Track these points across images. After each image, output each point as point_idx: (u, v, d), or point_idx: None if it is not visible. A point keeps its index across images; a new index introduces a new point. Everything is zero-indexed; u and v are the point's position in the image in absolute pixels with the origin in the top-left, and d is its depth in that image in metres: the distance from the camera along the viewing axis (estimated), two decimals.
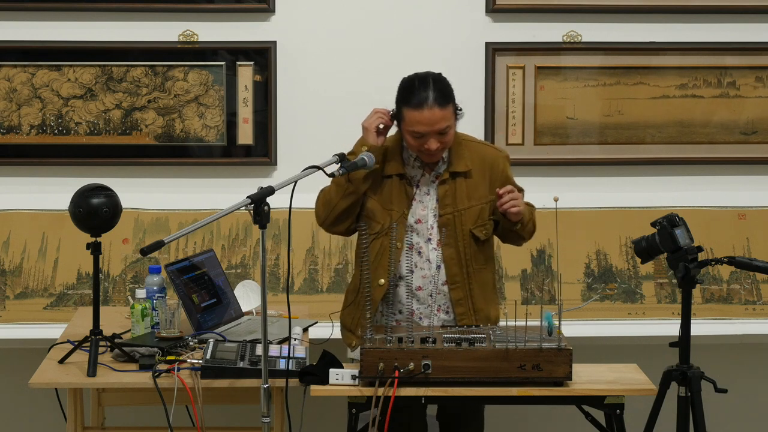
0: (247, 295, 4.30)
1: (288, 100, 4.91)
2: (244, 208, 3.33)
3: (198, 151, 4.92)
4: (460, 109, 3.77)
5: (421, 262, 3.80)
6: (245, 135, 4.91)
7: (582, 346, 4.02)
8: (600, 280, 4.82)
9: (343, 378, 3.46)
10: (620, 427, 3.50)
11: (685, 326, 3.56)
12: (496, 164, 3.84)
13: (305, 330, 4.02)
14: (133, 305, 3.88)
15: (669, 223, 3.57)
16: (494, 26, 4.93)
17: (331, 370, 3.47)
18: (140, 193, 4.85)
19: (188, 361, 3.59)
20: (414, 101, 3.67)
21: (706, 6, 4.94)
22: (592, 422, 3.61)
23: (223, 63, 4.88)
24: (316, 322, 4.15)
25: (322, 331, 4.05)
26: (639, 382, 3.57)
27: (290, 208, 3.47)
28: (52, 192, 4.81)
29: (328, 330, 4.03)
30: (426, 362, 3.42)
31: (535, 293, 4.79)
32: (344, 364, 3.55)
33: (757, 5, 4.96)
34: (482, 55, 4.91)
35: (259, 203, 3.31)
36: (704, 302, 4.78)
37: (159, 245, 3.35)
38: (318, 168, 3.53)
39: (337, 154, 3.62)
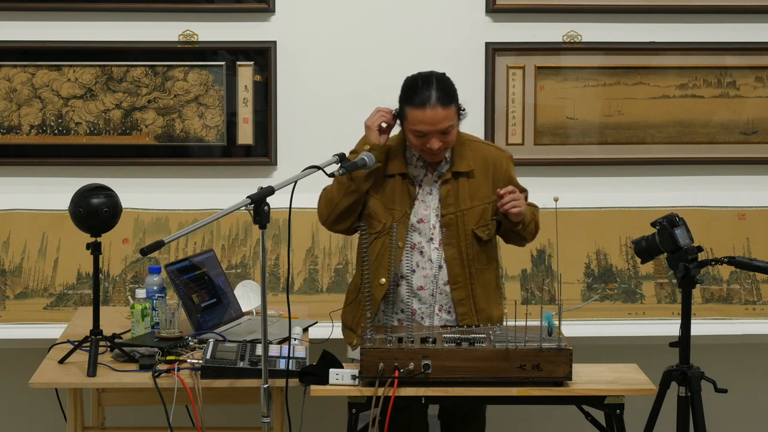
0: (247, 295, 4.29)
1: (288, 100, 4.91)
2: (244, 208, 3.33)
3: (198, 151, 4.92)
4: (463, 110, 3.77)
5: (423, 261, 3.80)
6: (245, 135, 4.91)
7: (582, 346, 4.02)
8: (600, 280, 4.82)
9: (343, 378, 3.46)
10: (620, 427, 3.50)
11: (685, 326, 3.56)
12: (499, 164, 3.84)
13: (305, 330, 4.02)
14: (133, 305, 3.88)
15: (669, 223, 3.56)
16: (494, 26, 4.93)
17: (331, 370, 3.47)
18: (140, 193, 4.85)
19: (188, 361, 3.58)
20: (417, 100, 3.67)
21: (706, 6, 4.94)
22: (592, 422, 3.61)
23: (223, 63, 4.87)
24: (316, 322, 4.15)
25: (322, 331, 4.06)
26: (639, 382, 3.57)
27: (290, 208, 3.47)
28: (52, 192, 4.81)
29: (328, 330, 4.03)
30: (426, 362, 3.42)
31: (535, 293, 4.79)
32: (344, 364, 3.55)
33: (757, 5, 4.96)
34: (482, 55, 4.91)
35: (259, 203, 3.31)
36: (704, 302, 4.78)
37: (159, 245, 3.35)
38: (318, 168, 3.53)
39: (337, 154, 3.62)
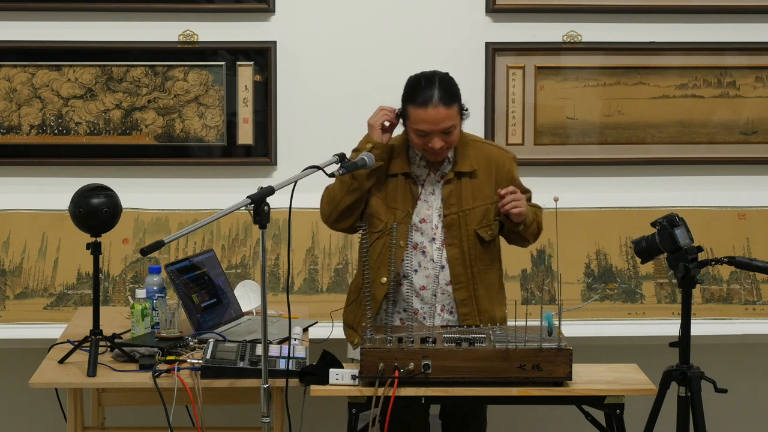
0: (247, 295, 4.29)
1: (288, 100, 4.91)
2: (244, 208, 3.33)
3: (198, 151, 4.92)
4: (466, 110, 3.77)
5: (425, 261, 3.80)
6: (245, 135, 4.91)
7: (582, 346, 4.02)
8: (600, 280, 4.82)
9: (343, 378, 3.46)
10: (620, 427, 3.50)
11: (685, 326, 3.56)
12: (502, 165, 3.83)
13: (305, 330, 4.02)
14: (133, 305, 3.88)
15: (669, 223, 3.56)
16: (494, 26, 4.93)
17: (331, 370, 3.47)
18: (140, 193, 4.85)
19: (188, 361, 3.58)
20: (419, 99, 3.67)
21: (706, 6, 4.94)
22: (592, 422, 3.61)
23: (223, 63, 4.87)
24: (316, 322, 4.15)
25: (322, 331, 4.05)
26: (639, 382, 3.57)
27: (290, 208, 3.47)
28: (52, 192, 4.81)
29: (328, 330, 4.03)
30: (426, 362, 3.42)
31: (535, 293, 4.79)
32: (344, 364, 3.55)
33: (757, 5, 4.96)
34: (482, 55, 4.91)
35: (259, 203, 3.31)
36: (704, 302, 4.78)
37: (159, 245, 3.35)
38: (318, 168, 3.53)
39: (337, 154, 3.62)
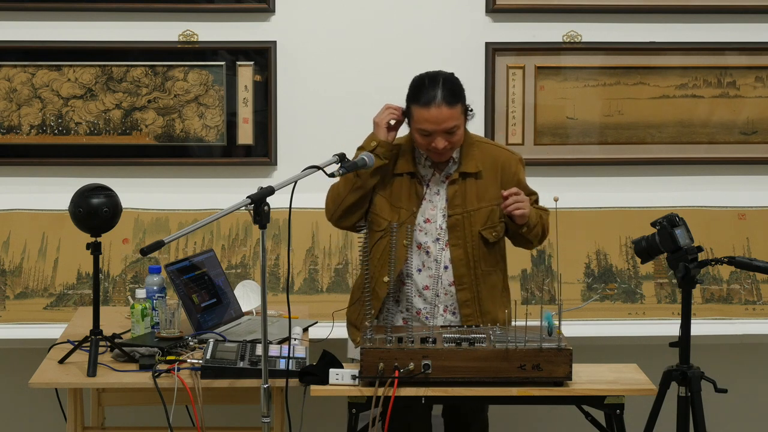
0: (247, 295, 4.29)
1: (288, 100, 4.91)
2: (244, 208, 3.33)
3: (198, 151, 4.92)
4: (471, 110, 3.76)
5: (428, 261, 3.80)
6: (245, 135, 4.91)
7: (582, 346, 4.02)
8: (600, 280, 4.82)
9: (343, 378, 3.46)
10: (620, 427, 3.50)
11: (685, 326, 3.56)
12: (508, 166, 3.82)
13: (305, 330, 4.02)
14: (133, 305, 3.88)
15: (669, 223, 3.56)
16: (494, 26, 4.93)
17: (331, 370, 3.47)
18: (140, 193, 4.85)
19: (188, 361, 3.58)
20: (423, 99, 3.67)
21: (706, 6, 4.93)
22: (592, 422, 3.61)
23: (223, 63, 4.87)
24: (316, 322, 4.15)
25: (322, 331, 4.05)
26: (639, 382, 3.57)
27: (290, 208, 3.47)
28: (52, 192, 4.81)
29: (328, 330, 4.03)
30: (426, 362, 3.42)
31: (535, 293, 4.79)
32: (344, 364, 3.55)
33: (757, 5, 4.96)
34: (482, 55, 4.91)
35: (259, 203, 3.31)
36: (704, 302, 4.78)
37: (159, 245, 3.35)
38: (318, 168, 3.53)
39: (337, 154, 3.62)
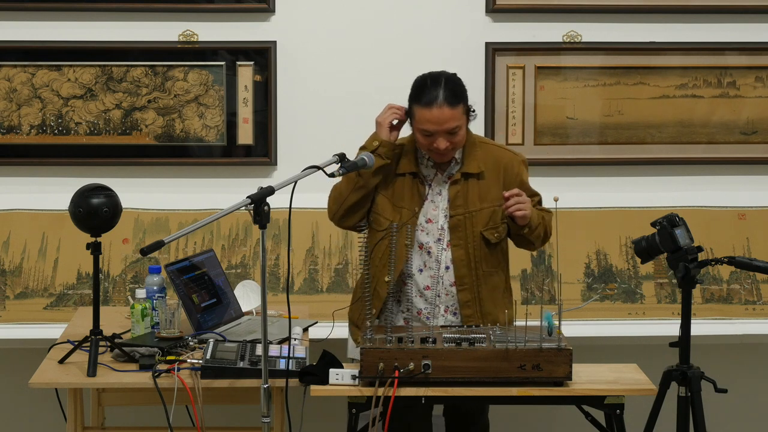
0: (247, 295, 4.29)
1: (288, 100, 4.91)
2: (244, 208, 3.33)
3: (198, 151, 4.92)
4: (473, 111, 3.76)
5: (430, 261, 3.79)
6: (245, 135, 4.91)
7: (582, 346, 4.02)
8: (600, 280, 4.82)
9: (343, 378, 3.46)
10: (620, 427, 3.50)
11: (685, 326, 3.56)
12: (510, 167, 3.82)
13: (305, 330, 4.02)
14: (133, 305, 3.88)
15: (669, 223, 3.56)
16: (494, 26, 4.93)
17: (331, 370, 3.47)
18: (140, 193, 4.85)
19: (188, 361, 3.58)
20: (424, 99, 3.67)
21: (706, 6, 4.93)
22: (592, 422, 3.61)
23: (223, 63, 4.87)
24: (316, 322, 4.15)
25: (322, 331, 4.05)
26: (639, 382, 3.57)
27: (290, 208, 3.47)
28: (52, 192, 4.81)
29: (328, 330, 4.03)
30: (426, 362, 3.42)
31: (535, 293, 4.79)
32: (344, 364, 3.55)
33: (757, 5, 4.96)
34: (482, 55, 4.91)
35: (259, 203, 3.31)
36: (704, 302, 4.78)
37: (159, 245, 3.35)
38: (318, 168, 3.53)
39: (337, 154, 3.62)
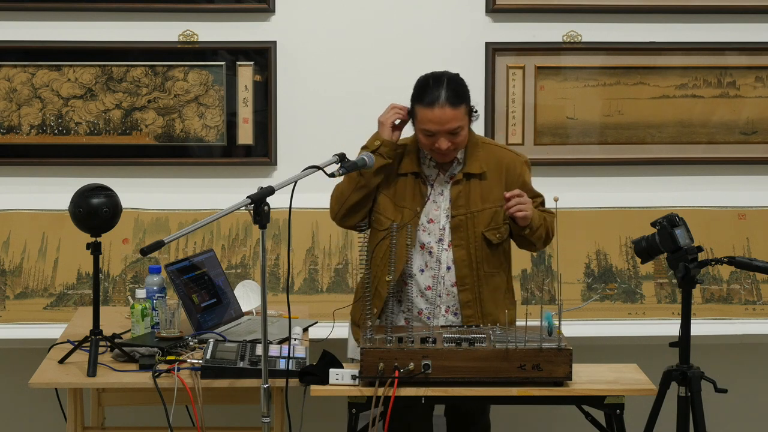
0: (247, 295, 4.29)
1: (288, 100, 4.91)
2: (244, 208, 3.33)
3: (198, 151, 4.92)
4: (476, 111, 3.77)
5: (431, 261, 3.79)
6: (245, 135, 4.91)
7: (582, 346, 4.02)
8: (600, 280, 4.82)
9: (343, 378, 3.46)
10: (620, 427, 3.50)
11: (685, 326, 3.56)
12: (512, 168, 3.81)
13: (305, 330, 4.02)
14: (133, 305, 3.88)
15: (669, 223, 3.56)
16: (494, 26, 4.93)
17: (331, 370, 3.47)
18: (140, 193, 4.85)
19: (188, 361, 3.58)
20: (426, 99, 3.67)
21: (706, 6, 4.93)
22: (592, 422, 3.61)
23: (223, 63, 4.87)
24: (316, 322, 4.15)
25: (322, 331, 4.05)
26: (639, 382, 3.57)
27: (290, 208, 3.47)
28: (52, 192, 4.81)
29: (328, 330, 4.03)
30: (426, 362, 3.42)
31: (535, 293, 4.79)
32: (344, 364, 3.55)
33: (757, 5, 4.96)
34: (482, 55, 4.91)
35: (259, 203, 3.31)
36: (704, 302, 4.78)
37: (159, 245, 3.35)
38: (318, 168, 3.53)
39: (337, 154, 3.62)
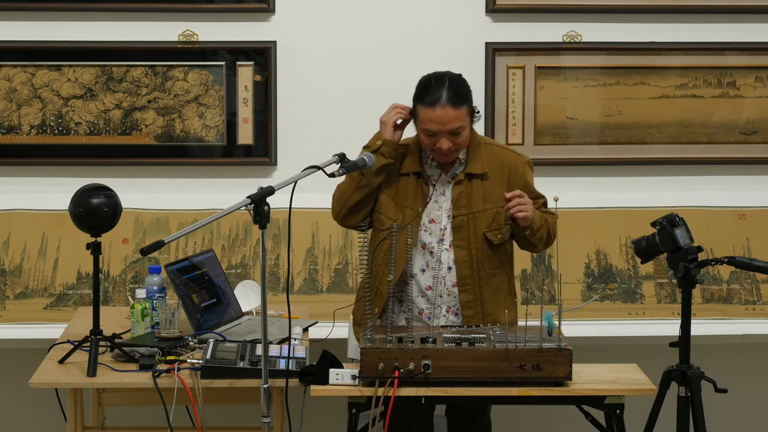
0: (247, 295, 4.29)
1: (288, 100, 4.91)
2: (244, 208, 3.33)
3: (198, 151, 4.92)
4: (478, 112, 3.77)
5: (432, 261, 3.79)
6: (245, 135, 4.91)
7: (582, 346, 4.02)
8: (600, 280, 4.82)
9: (343, 378, 3.46)
10: (620, 427, 3.50)
11: (685, 326, 3.56)
12: (515, 169, 3.81)
13: (305, 330, 4.02)
14: (133, 305, 3.88)
15: (669, 223, 3.56)
16: (494, 26, 4.93)
17: (331, 370, 3.47)
18: (140, 193, 4.85)
19: (188, 361, 3.58)
20: (428, 99, 3.67)
21: (706, 6, 4.93)
22: (592, 422, 3.61)
23: (223, 63, 4.87)
24: (316, 322, 4.15)
25: (322, 331, 4.05)
26: (639, 382, 3.57)
27: (290, 208, 3.47)
28: (52, 192, 4.81)
29: (327, 330, 4.03)
30: (426, 362, 3.42)
31: (535, 293, 4.79)
32: (344, 364, 3.55)
33: (757, 5, 4.96)
34: (482, 55, 4.91)
35: (259, 203, 3.31)
36: (704, 302, 4.78)
37: (159, 245, 3.35)
38: (318, 168, 3.53)
39: (337, 154, 3.62)
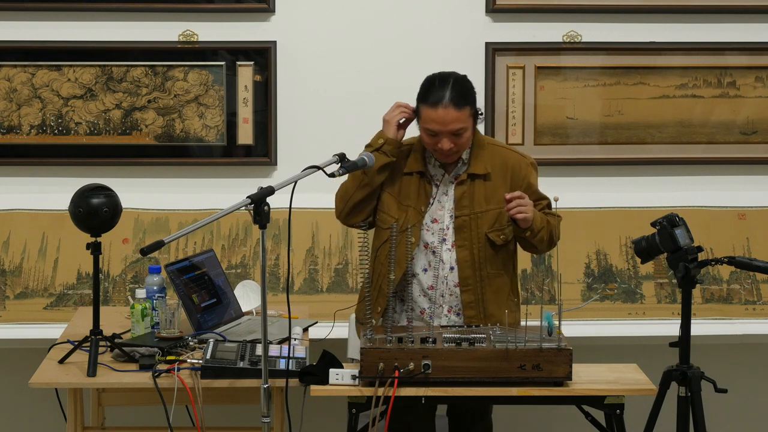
0: (247, 295, 4.29)
1: (288, 100, 4.91)
2: (244, 208, 3.33)
3: (198, 151, 4.92)
4: (481, 113, 3.77)
5: (435, 261, 3.79)
6: (245, 135, 4.91)
7: (582, 346, 4.02)
8: (600, 280, 4.82)
9: (343, 378, 3.46)
10: (620, 427, 3.50)
11: (685, 326, 3.56)
12: (518, 170, 3.81)
13: (305, 330, 4.02)
14: (133, 305, 3.88)
15: (669, 223, 3.56)
16: (494, 26, 4.93)
17: (331, 370, 3.47)
18: (140, 193, 4.85)
19: (188, 361, 3.58)
20: (431, 99, 3.67)
21: (706, 6, 4.93)
22: (592, 422, 3.61)
23: (223, 63, 4.87)
24: (316, 322, 4.15)
25: (322, 331, 4.05)
26: (639, 382, 3.57)
27: (290, 208, 3.47)
28: (52, 192, 4.81)
29: (327, 330, 4.03)
30: (426, 362, 3.42)
31: (535, 293, 4.79)
32: (344, 364, 3.55)
33: (757, 5, 4.96)
34: (482, 55, 4.91)
35: (259, 203, 3.31)
36: (704, 302, 4.78)
37: (159, 245, 3.35)
38: (318, 168, 3.53)
39: (337, 154, 3.62)
